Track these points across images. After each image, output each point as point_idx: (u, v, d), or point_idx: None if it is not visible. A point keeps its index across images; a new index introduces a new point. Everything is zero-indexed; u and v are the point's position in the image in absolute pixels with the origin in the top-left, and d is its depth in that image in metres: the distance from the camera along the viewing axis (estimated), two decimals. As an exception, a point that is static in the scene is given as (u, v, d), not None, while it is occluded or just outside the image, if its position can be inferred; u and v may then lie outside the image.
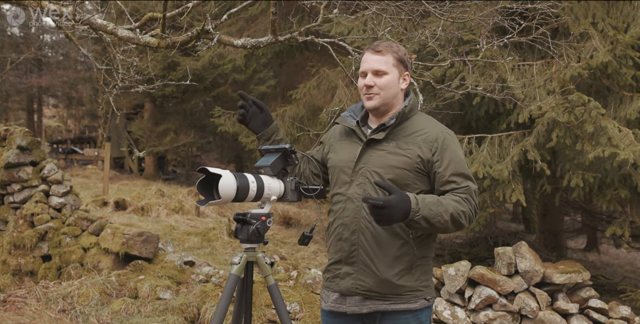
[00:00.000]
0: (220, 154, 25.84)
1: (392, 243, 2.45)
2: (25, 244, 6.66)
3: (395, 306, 2.46)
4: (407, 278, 2.46)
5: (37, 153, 7.19)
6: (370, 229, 2.46)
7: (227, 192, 2.29)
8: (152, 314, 5.66)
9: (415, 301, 2.47)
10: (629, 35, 5.91)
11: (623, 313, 4.93)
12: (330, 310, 2.59)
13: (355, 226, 2.50)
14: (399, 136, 2.52)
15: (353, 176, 2.53)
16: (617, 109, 6.31)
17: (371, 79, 2.51)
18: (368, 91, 2.52)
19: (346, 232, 2.52)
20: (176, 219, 10.82)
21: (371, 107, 2.55)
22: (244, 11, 11.71)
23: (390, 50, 2.52)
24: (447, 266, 5.13)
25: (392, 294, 2.46)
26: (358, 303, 2.50)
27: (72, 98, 36.22)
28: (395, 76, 2.52)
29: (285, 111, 10.65)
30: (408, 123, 2.55)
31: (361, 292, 2.48)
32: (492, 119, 7.58)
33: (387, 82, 2.51)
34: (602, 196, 6.36)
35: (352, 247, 2.50)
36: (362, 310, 2.49)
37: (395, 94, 2.55)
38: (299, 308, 5.46)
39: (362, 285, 2.47)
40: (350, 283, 2.50)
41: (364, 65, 2.54)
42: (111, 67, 5.55)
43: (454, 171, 2.43)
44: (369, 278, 2.46)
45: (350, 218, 2.52)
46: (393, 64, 2.51)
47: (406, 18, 5.41)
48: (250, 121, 2.68)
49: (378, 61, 2.50)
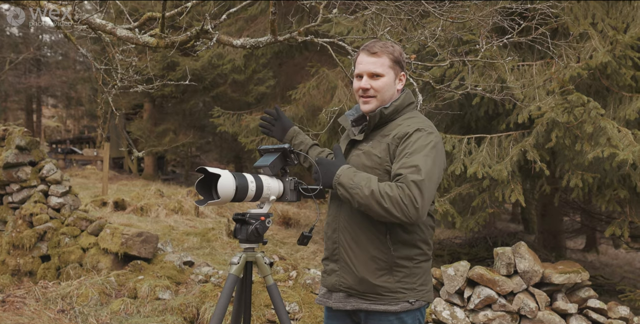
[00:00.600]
0: (220, 154, 25.86)
1: (368, 243, 2.45)
2: (24, 244, 6.65)
3: (375, 306, 2.45)
4: (386, 278, 2.44)
5: (36, 153, 7.18)
6: (349, 228, 2.49)
7: (226, 192, 2.29)
8: (151, 314, 5.65)
9: (396, 303, 2.44)
10: (628, 36, 5.91)
11: (622, 313, 4.93)
12: (319, 303, 2.65)
13: (335, 225, 2.55)
14: (376, 136, 2.51)
15: None
16: (616, 110, 6.31)
17: (367, 81, 2.48)
18: (364, 94, 2.50)
19: (329, 230, 2.58)
20: (175, 220, 10.82)
21: (368, 110, 2.53)
22: (244, 11, 11.72)
23: (386, 51, 2.49)
24: (446, 266, 5.12)
25: (371, 294, 2.46)
26: (342, 300, 2.53)
27: (71, 98, 36.22)
28: (391, 78, 2.50)
29: (284, 111, 10.64)
30: (393, 123, 2.51)
31: (343, 289, 2.51)
32: (491, 119, 7.57)
33: (383, 85, 2.48)
34: (601, 197, 6.36)
35: (334, 245, 2.55)
36: (346, 307, 2.52)
37: (392, 95, 2.53)
38: (298, 308, 5.46)
39: (344, 282, 2.51)
40: (335, 279, 2.54)
41: (359, 67, 2.51)
42: (110, 67, 5.55)
43: (404, 164, 2.31)
44: (349, 276, 2.49)
45: (332, 217, 2.57)
46: (389, 65, 2.48)
47: (406, 18, 5.40)
48: (272, 131, 2.93)
49: (374, 63, 2.47)
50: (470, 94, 6.18)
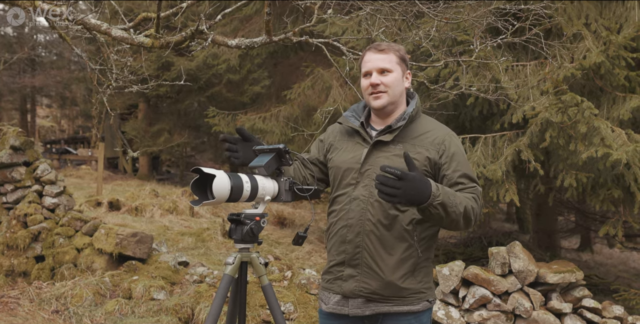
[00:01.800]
0: (215, 154, 25.80)
1: (397, 246, 2.42)
2: (19, 244, 6.64)
3: (397, 308, 2.44)
4: (410, 281, 2.44)
5: (31, 153, 7.16)
6: (375, 231, 2.43)
7: (221, 193, 2.29)
8: (146, 314, 5.64)
9: (418, 303, 2.46)
10: (621, 36, 5.94)
11: (616, 313, 4.95)
12: (332, 312, 2.56)
13: (359, 228, 2.46)
14: (406, 138, 2.49)
15: (359, 178, 2.49)
16: (610, 110, 6.34)
17: (377, 77, 2.48)
18: (375, 89, 2.49)
19: (350, 234, 2.48)
20: (170, 220, 10.80)
21: (379, 106, 2.51)
22: (239, 11, 11.71)
23: (392, 49, 2.51)
24: (441, 266, 5.14)
25: (395, 297, 2.44)
26: (361, 305, 2.47)
27: (66, 98, 36.07)
28: (399, 74, 2.51)
29: (279, 111, 10.66)
30: (414, 125, 2.52)
31: (365, 294, 2.45)
32: (485, 119, 7.59)
33: (393, 80, 2.48)
34: (595, 196, 6.38)
35: (356, 249, 2.47)
36: (365, 312, 2.47)
37: (401, 92, 2.54)
38: (293, 308, 5.46)
39: (366, 287, 2.45)
40: (354, 285, 2.47)
41: (367, 65, 2.51)
42: (105, 67, 5.54)
43: (462, 173, 2.42)
44: (373, 281, 2.44)
45: (355, 220, 2.47)
46: (397, 62, 2.50)
47: (400, 18, 5.42)
48: (246, 157, 2.54)
49: (382, 60, 2.48)
50: (465, 94, 6.19)
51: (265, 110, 11.82)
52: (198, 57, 13.47)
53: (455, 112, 7.41)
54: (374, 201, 2.44)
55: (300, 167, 2.76)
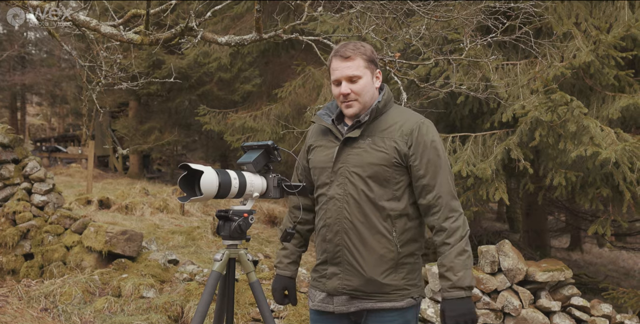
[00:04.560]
0: (206, 152, 25.79)
1: (375, 242, 2.44)
2: (7, 242, 6.60)
3: (381, 304, 2.46)
4: (392, 277, 2.46)
5: (20, 151, 7.12)
6: (353, 229, 2.45)
7: (209, 189, 2.29)
8: (136, 312, 5.62)
9: (402, 300, 2.47)
10: (611, 36, 5.96)
11: (604, 311, 4.97)
12: (318, 309, 2.60)
13: (338, 227, 2.49)
14: (375, 132, 2.49)
15: (333, 177, 2.51)
16: (599, 109, 6.36)
17: (346, 86, 2.46)
18: (346, 99, 2.48)
19: (329, 233, 2.51)
20: (160, 218, 10.78)
21: (352, 114, 2.51)
22: (230, 9, 11.70)
23: (358, 52, 2.47)
24: (431, 265, 5.14)
25: (378, 293, 2.46)
26: (345, 303, 2.50)
27: (56, 96, 35.87)
28: (369, 77, 2.49)
29: (270, 109, 10.64)
30: (383, 117, 2.52)
31: (348, 292, 2.48)
32: (476, 118, 7.60)
33: (362, 87, 2.47)
34: (584, 195, 6.40)
35: (336, 248, 2.50)
36: (350, 309, 2.50)
37: (372, 95, 2.52)
38: (282, 306, 5.45)
39: (348, 285, 2.48)
40: (337, 283, 2.50)
41: (335, 74, 2.49)
42: (94, 65, 5.52)
43: (439, 187, 2.45)
44: (354, 278, 2.47)
45: (332, 219, 2.50)
46: (364, 66, 2.47)
47: (391, 17, 5.42)
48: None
49: (349, 67, 2.45)
50: (455, 92, 6.20)
51: (256, 108, 11.80)
52: (189, 55, 13.43)
53: (445, 111, 7.42)
54: (349, 199, 2.46)
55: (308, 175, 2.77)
